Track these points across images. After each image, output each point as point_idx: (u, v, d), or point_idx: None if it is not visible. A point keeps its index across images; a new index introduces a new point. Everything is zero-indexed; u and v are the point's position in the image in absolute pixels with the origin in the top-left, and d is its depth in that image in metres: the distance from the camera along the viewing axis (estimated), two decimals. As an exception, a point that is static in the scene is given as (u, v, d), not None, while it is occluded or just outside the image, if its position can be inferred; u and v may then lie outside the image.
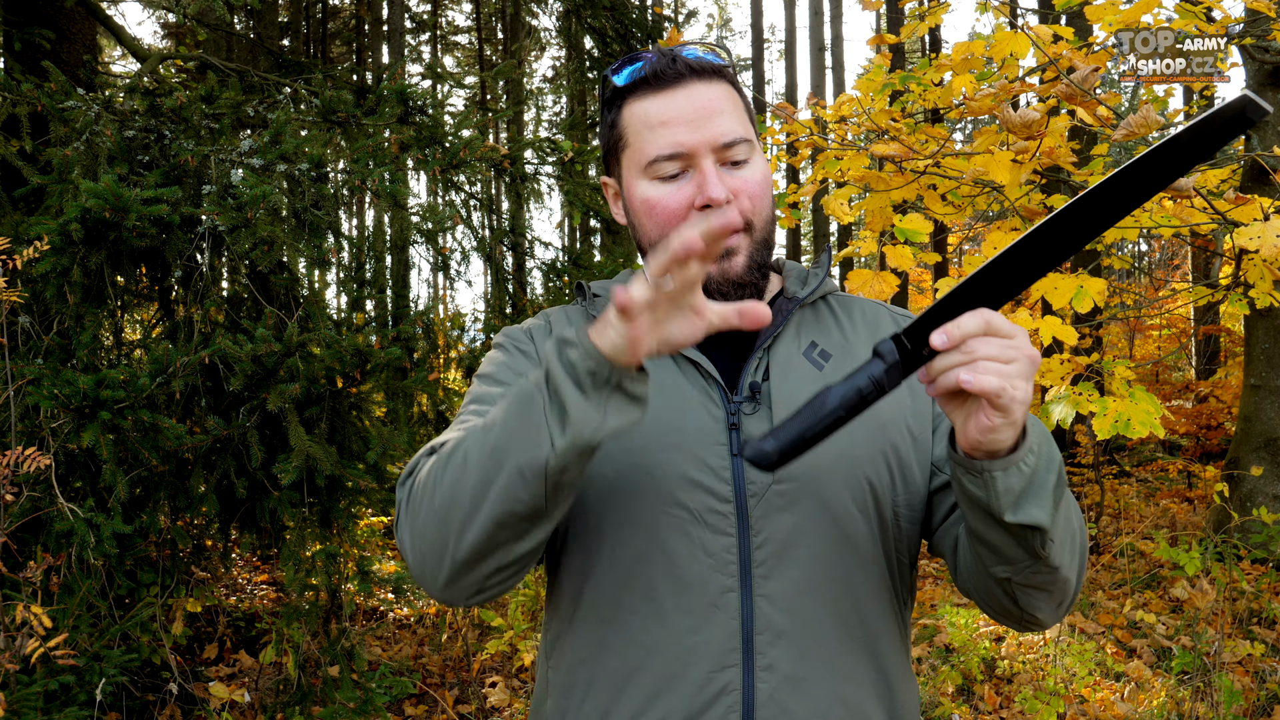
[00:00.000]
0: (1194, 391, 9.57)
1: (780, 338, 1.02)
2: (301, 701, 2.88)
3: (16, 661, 1.99)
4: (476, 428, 0.86)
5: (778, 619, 0.93)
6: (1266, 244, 2.08)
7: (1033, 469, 0.82)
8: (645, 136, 0.98)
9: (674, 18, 23.07)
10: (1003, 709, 3.66)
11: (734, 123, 0.98)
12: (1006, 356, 0.75)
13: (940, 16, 3.72)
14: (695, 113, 0.96)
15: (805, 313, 1.07)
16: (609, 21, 5.44)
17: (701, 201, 0.95)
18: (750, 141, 0.99)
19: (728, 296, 0.99)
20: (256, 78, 3.78)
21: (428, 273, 20.01)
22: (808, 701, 0.94)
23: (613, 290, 0.77)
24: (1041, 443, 0.84)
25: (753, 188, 0.98)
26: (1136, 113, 2.05)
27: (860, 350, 1.04)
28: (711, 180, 0.95)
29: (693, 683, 0.92)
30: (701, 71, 0.98)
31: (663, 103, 0.97)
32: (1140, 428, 2.35)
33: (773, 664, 0.93)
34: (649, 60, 0.99)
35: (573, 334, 0.79)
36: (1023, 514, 0.83)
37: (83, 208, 2.38)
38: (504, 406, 0.83)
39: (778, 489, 0.94)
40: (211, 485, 2.66)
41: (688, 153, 0.96)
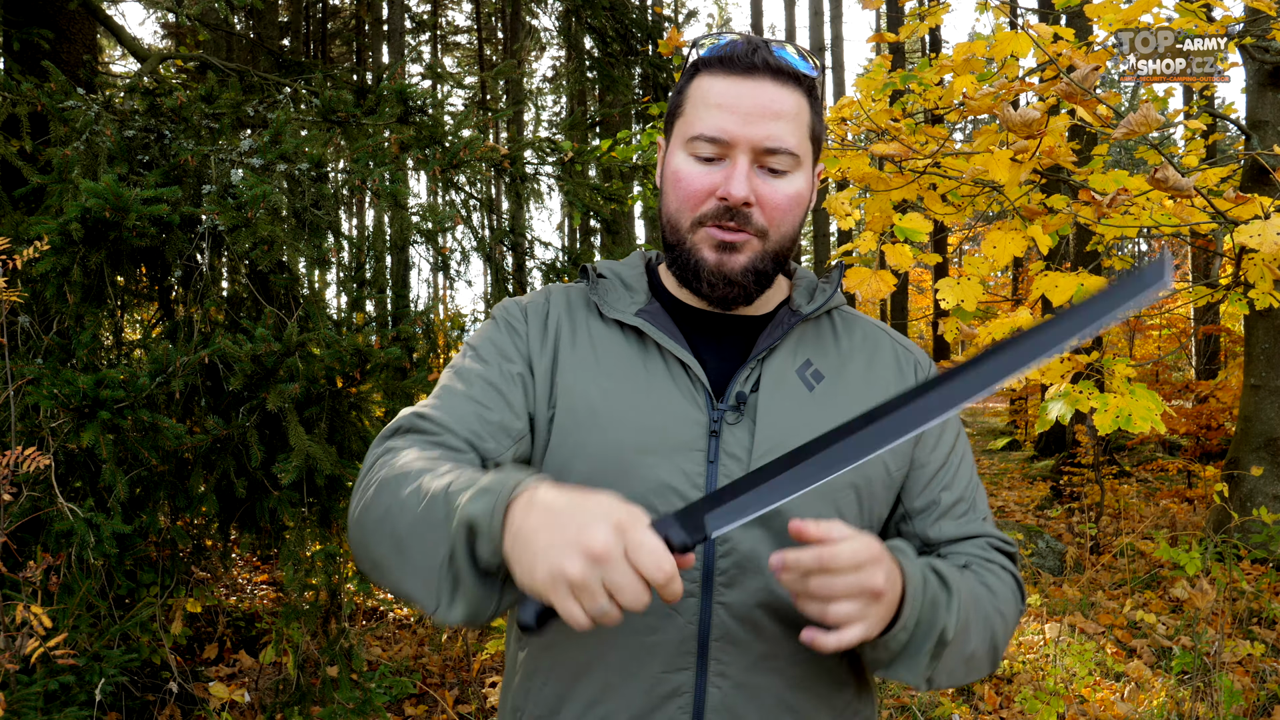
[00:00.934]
0: (1194, 391, 9.57)
1: (777, 351, 1.02)
2: (301, 701, 2.88)
3: (16, 661, 1.99)
4: (411, 481, 0.84)
5: (734, 627, 0.94)
6: (1267, 242, 2.08)
7: (903, 644, 0.88)
8: (699, 112, 0.97)
9: (674, 18, 23.07)
10: (1003, 709, 3.66)
11: (786, 132, 0.96)
12: (849, 595, 0.81)
13: (940, 16, 3.72)
14: (753, 108, 0.95)
15: (807, 327, 1.06)
16: (609, 21, 5.44)
17: (721, 193, 0.95)
18: (796, 157, 0.97)
19: (715, 288, 0.99)
20: (256, 78, 3.78)
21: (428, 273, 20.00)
22: (758, 708, 0.95)
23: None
24: (920, 615, 0.87)
25: (779, 199, 0.97)
26: (1136, 111, 2.05)
27: (853, 375, 1.04)
28: (739, 178, 0.94)
29: (646, 681, 0.94)
30: (778, 71, 0.97)
31: (728, 86, 0.96)
32: (1141, 423, 2.35)
33: (726, 671, 0.94)
34: (735, 42, 0.98)
35: (486, 515, 0.74)
36: (891, 674, 0.90)
37: (83, 207, 2.38)
38: (419, 510, 0.80)
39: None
40: (211, 485, 2.65)
41: (729, 141, 0.95)
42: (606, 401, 0.98)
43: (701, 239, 0.98)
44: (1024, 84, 2.67)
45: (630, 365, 1.00)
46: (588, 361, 1.01)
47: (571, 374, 1.00)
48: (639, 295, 1.05)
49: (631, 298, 1.05)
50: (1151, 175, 2.10)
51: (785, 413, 0.98)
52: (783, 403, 0.99)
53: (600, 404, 0.98)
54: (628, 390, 0.98)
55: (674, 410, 0.97)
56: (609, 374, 1.00)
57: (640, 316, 1.02)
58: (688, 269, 0.99)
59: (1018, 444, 14.15)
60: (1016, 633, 4.43)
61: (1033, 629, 4.47)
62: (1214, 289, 3.90)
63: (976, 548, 1.04)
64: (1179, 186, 2.07)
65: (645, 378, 0.99)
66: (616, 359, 1.00)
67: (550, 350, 1.02)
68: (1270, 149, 4.67)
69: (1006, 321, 2.69)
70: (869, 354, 1.07)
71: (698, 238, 0.98)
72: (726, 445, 0.96)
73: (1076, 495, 7.72)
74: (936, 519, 1.04)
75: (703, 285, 0.99)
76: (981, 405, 26.52)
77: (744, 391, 0.99)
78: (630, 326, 1.02)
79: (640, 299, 1.05)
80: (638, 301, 1.04)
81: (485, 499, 0.75)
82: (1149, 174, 2.13)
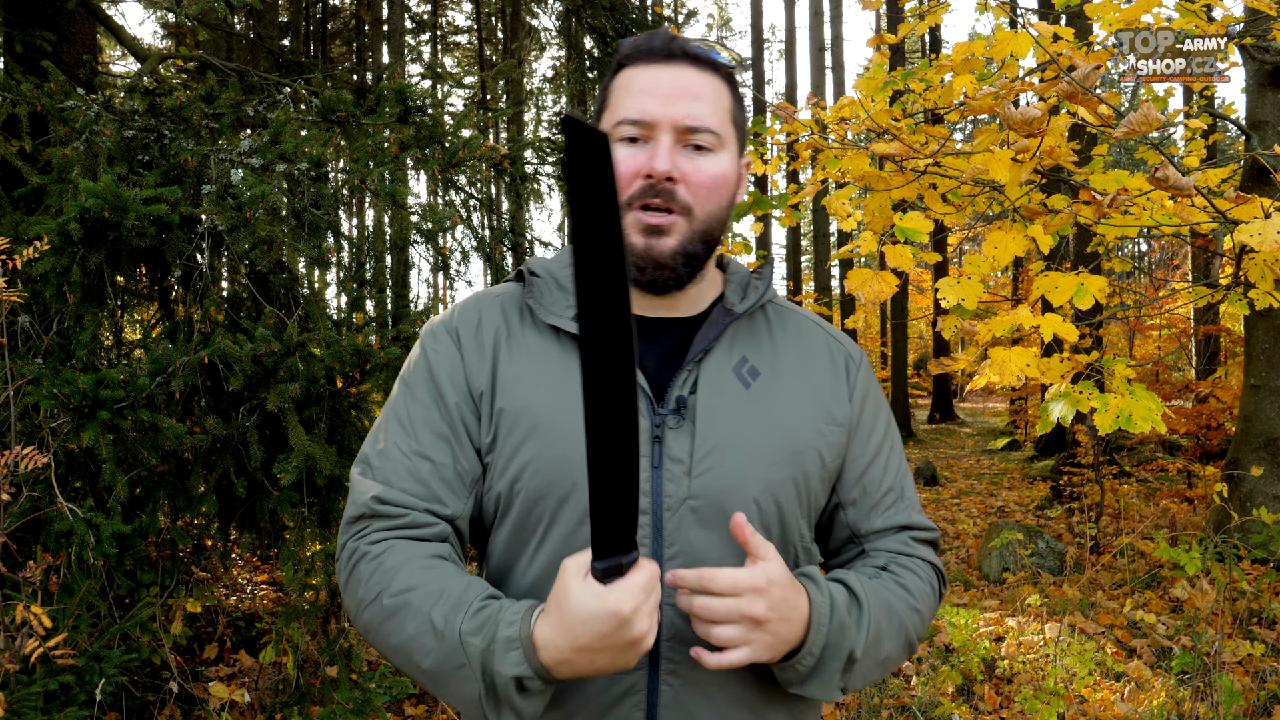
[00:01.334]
0: (1194, 391, 9.57)
1: (713, 351, 1.04)
2: (301, 701, 2.88)
3: (16, 661, 1.99)
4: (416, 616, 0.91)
5: (683, 627, 0.96)
6: (1267, 242, 2.08)
7: (810, 669, 0.93)
8: (622, 100, 1.01)
9: (674, 18, 23.05)
10: (1003, 709, 3.66)
11: (706, 112, 0.99)
12: (729, 619, 0.87)
13: (940, 16, 3.72)
14: (671, 90, 0.99)
15: (741, 324, 1.08)
16: (609, 21, 5.44)
17: (646, 170, 0.98)
18: (719, 136, 1.00)
19: (645, 272, 1.00)
20: (256, 78, 3.78)
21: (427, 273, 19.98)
22: (709, 704, 0.98)
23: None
24: (828, 641, 0.93)
25: (704, 177, 0.99)
26: (1137, 111, 2.05)
27: (788, 369, 1.07)
28: (661, 153, 0.98)
29: (600, 682, 0.96)
30: (695, 58, 1.01)
31: (648, 74, 1.00)
32: (1142, 423, 2.35)
33: (677, 669, 0.97)
34: (655, 34, 1.03)
35: (524, 667, 0.84)
36: (804, 691, 0.95)
37: (82, 207, 2.38)
38: (437, 650, 0.89)
39: (692, 504, 0.97)
40: (211, 485, 2.65)
41: (650, 122, 0.98)
42: (550, 416, 0.99)
43: (629, 224, 0.99)
44: (1024, 84, 2.67)
45: (568, 373, 1.00)
46: (528, 373, 1.01)
47: (513, 388, 1.01)
48: (573, 298, 1.04)
49: (566, 299, 1.04)
50: (1152, 175, 2.10)
51: (723, 412, 1.00)
52: (720, 402, 1.01)
53: (544, 418, 0.99)
54: (571, 402, 0.97)
55: None
56: (549, 386, 1.00)
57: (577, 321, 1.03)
58: None
59: (1018, 444, 14.15)
60: (1016, 633, 4.44)
61: (1033, 629, 4.47)
62: (1214, 289, 3.90)
63: (899, 542, 1.10)
64: (1179, 186, 2.07)
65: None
66: (556, 369, 1.01)
67: (489, 366, 1.02)
68: (1270, 149, 4.67)
69: (1006, 320, 2.69)
70: (802, 347, 1.10)
71: (626, 222, 0.99)
72: (669, 450, 0.98)
73: (1076, 495, 7.72)
74: (868, 510, 1.09)
75: (632, 270, 1.00)
76: (981, 405, 26.53)
77: (683, 395, 1.00)
78: (567, 332, 1.02)
79: (575, 299, 1.05)
80: (572, 304, 1.03)
81: (513, 655, 0.85)
82: (1150, 173, 2.13)
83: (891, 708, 3.64)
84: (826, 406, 1.07)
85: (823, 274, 16.70)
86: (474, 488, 1.02)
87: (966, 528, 7.77)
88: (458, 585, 0.92)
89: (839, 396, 1.08)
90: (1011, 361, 2.55)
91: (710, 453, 0.98)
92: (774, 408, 1.03)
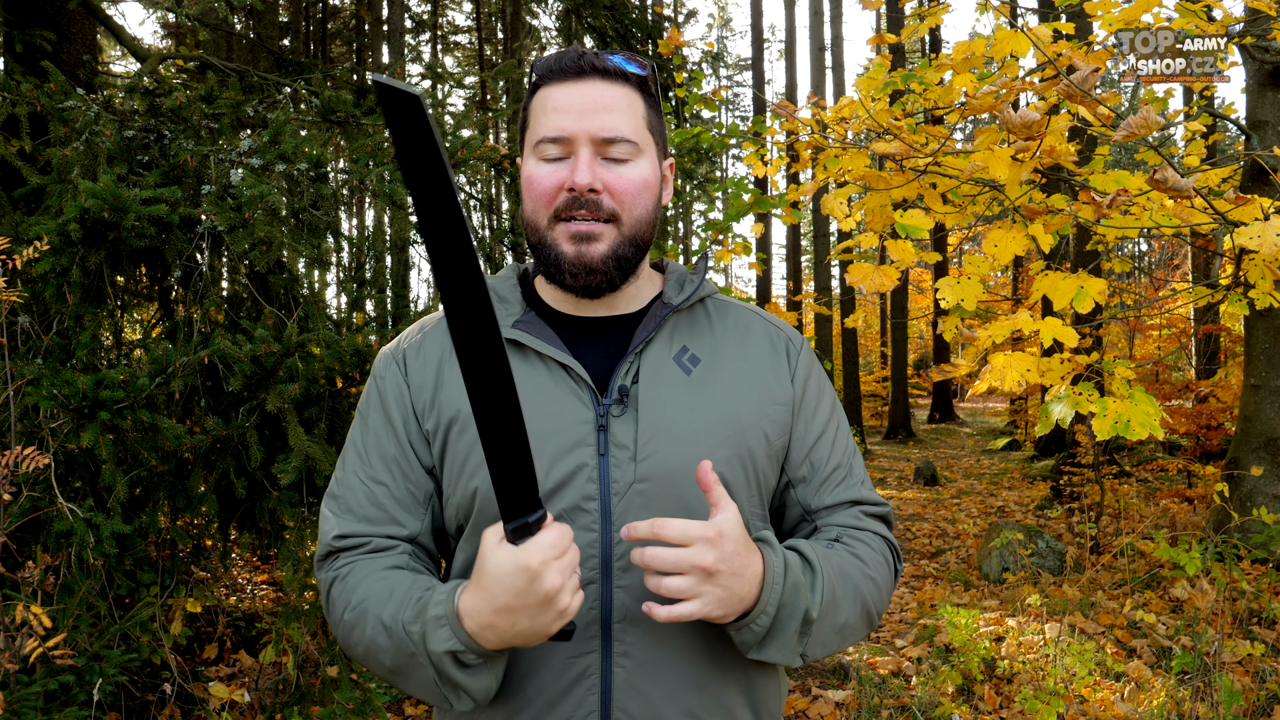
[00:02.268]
0: (1194, 391, 9.57)
1: (653, 342, 1.08)
2: (301, 701, 2.88)
3: (16, 661, 1.99)
4: (370, 621, 0.97)
5: (633, 608, 1.00)
6: (1267, 243, 2.08)
7: (765, 628, 0.95)
8: (540, 119, 1.05)
9: (674, 17, 23.05)
10: (1003, 709, 3.66)
11: (621, 122, 1.03)
12: (678, 569, 0.89)
13: (940, 17, 3.72)
14: (585, 105, 1.02)
15: (681, 317, 1.12)
16: (609, 21, 5.44)
17: (569, 184, 1.02)
18: (635, 144, 1.04)
19: (578, 278, 1.04)
20: (256, 78, 3.78)
21: (427, 273, 19.95)
22: (662, 685, 1.01)
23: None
24: (782, 600, 0.95)
25: (625, 185, 1.03)
26: (1137, 113, 2.05)
27: (727, 355, 1.11)
28: (582, 167, 1.02)
29: (554, 666, 1.00)
30: (605, 72, 1.04)
31: (561, 92, 1.04)
32: (1140, 429, 2.35)
33: (629, 650, 1.00)
34: (564, 53, 1.06)
35: (453, 640, 0.89)
36: (763, 656, 0.97)
37: (82, 208, 2.38)
38: (392, 648, 0.95)
39: (639, 488, 1.01)
40: (211, 485, 2.65)
41: (568, 138, 1.02)
42: None
43: (559, 234, 1.04)
44: (1024, 84, 2.67)
45: (515, 376, 1.03)
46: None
47: (459, 396, 1.05)
48: (513, 307, 1.10)
49: (506, 310, 1.09)
50: (1151, 177, 2.10)
51: (665, 398, 1.04)
52: (662, 390, 1.05)
53: None
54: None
55: (561, 412, 1.02)
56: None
57: (516, 328, 1.07)
58: (551, 264, 1.05)
59: (1018, 444, 14.15)
60: (1016, 633, 4.43)
61: (1033, 629, 4.47)
62: (1214, 289, 3.90)
63: (850, 517, 1.12)
64: (1179, 187, 2.07)
65: (531, 385, 1.03)
66: None
67: (433, 382, 1.08)
68: (1270, 149, 4.67)
69: (1006, 323, 2.69)
70: (741, 334, 1.14)
71: (555, 233, 1.04)
72: (614, 437, 1.02)
73: (1076, 495, 7.72)
74: (817, 486, 1.12)
75: (565, 277, 1.04)
76: (981, 405, 26.53)
77: (625, 385, 1.04)
78: (510, 340, 1.06)
79: (515, 310, 1.10)
80: (513, 313, 1.09)
81: (441, 630, 0.90)
82: (1149, 175, 2.13)
83: (891, 708, 3.64)
84: (768, 387, 1.11)
85: (823, 274, 16.70)
86: (428, 504, 1.08)
87: (966, 528, 7.77)
88: (404, 585, 0.98)
89: (780, 377, 1.12)
90: (1011, 368, 2.55)
91: (654, 437, 1.02)
92: (715, 391, 1.07)
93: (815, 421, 1.14)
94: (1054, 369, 2.82)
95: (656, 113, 1.10)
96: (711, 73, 32.96)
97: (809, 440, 1.13)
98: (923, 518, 8.37)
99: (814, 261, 20.01)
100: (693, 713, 1.02)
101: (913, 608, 5.27)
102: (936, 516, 8.45)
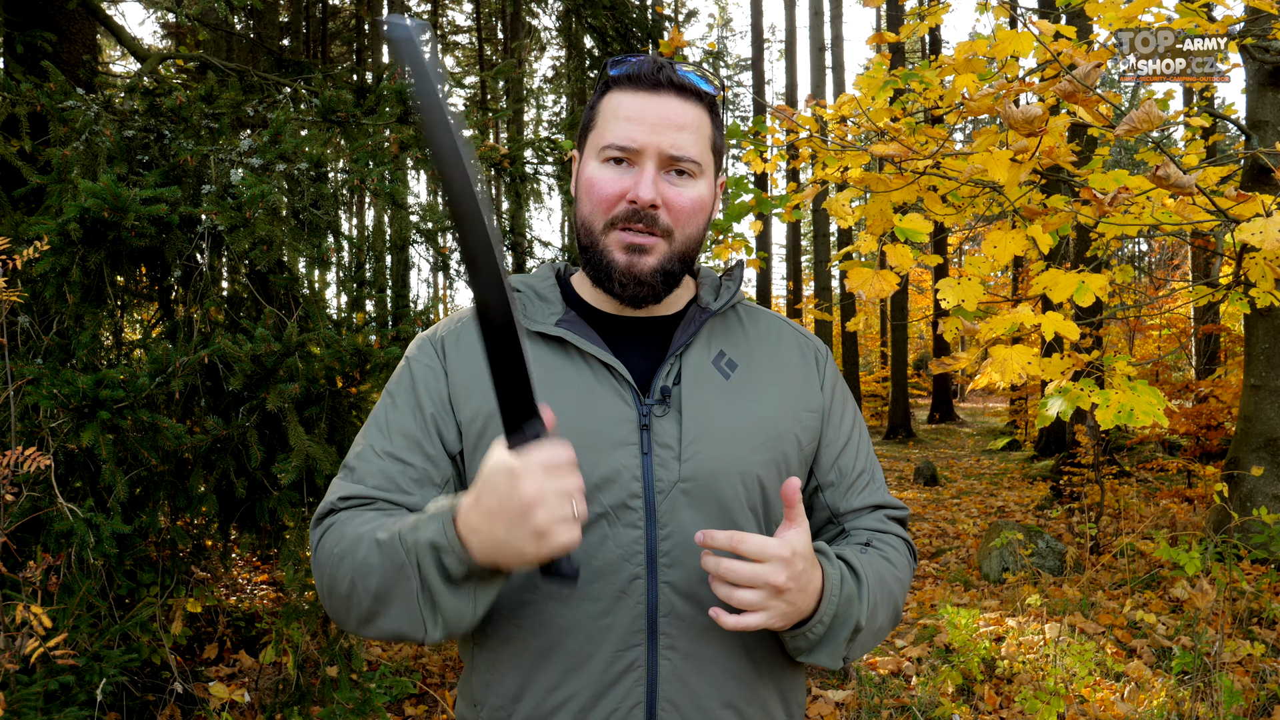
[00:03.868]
0: (1194, 391, 9.57)
1: (692, 345, 1.11)
2: (301, 701, 2.88)
3: (16, 661, 1.99)
4: (364, 543, 0.96)
5: (679, 604, 1.03)
6: (1268, 240, 2.08)
7: (820, 636, 0.99)
8: (610, 124, 1.06)
9: (674, 17, 23.06)
10: (1003, 709, 3.66)
11: (690, 142, 1.05)
12: (752, 584, 0.92)
13: (940, 16, 3.72)
14: (659, 119, 1.04)
15: (716, 321, 1.16)
16: (609, 21, 5.44)
17: (631, 196, 1.03)
18: (699, 164, 1.07)
19: (626, 288, 1.07)
20: (256, 77, 3.78)
21: (427, 272, 19.99)
22: (706, 677, 1.04)
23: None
24: (837, 610, 0.99)
25: (684, 202, 1.06)
26: (1138, 110, 2.05)
27: (762, 360, 1.15)
28: (646, 181, 1.03)
29: (602, 660, 1.01)
30: (682, 88, 1.06)
31: (636, 101, 1.05)
32: (1144, 417, 2.36)
33: (675, 644, 1.03)
34: (643, 61, 1.07)
35: (440, 534, 0.89)
36: (810, 659, 1.02)
37: (82, 207, 2.38)
38: (381, 563, 0.93)
39: (683, 487, 1.04)
40: (211, 485, 2.65)
41: (637, 149, 1.04)
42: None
43: (613, 242, 1.06)
44: (1024, 84, 2.67)
45: (558, 373, 1.06)
46: None
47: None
48: (555, 306, 1.12)
49: (548, 309, 1.11)
50: (1154, 173, 2.10)
51: (707, 400, 1.07)
52: (704, 392, 1.08)
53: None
54: (559, 397, 1.03)
55: (605, 410, 1.04)
56: (539, 384, 1.05)
57: (560, 326, 1.08)
58: (600, 270, 1.07)
59: (1018, 444, 14.15)
60: (1016, 633, 4.43)
61: (1033, 629, 4.47)
62: (1214, 288, 3.90)
63: (875, 520, 1.17)
64: (1181, 184, 2.07)
65: (574, 383, 1.06)
66: (544, 369, 1.06)
67: (470, 374, 1.08)
68: (1270, 148, 4.67)
69: (1007, 318, 2.69)
70: (774, 341, 1.18)
71: (609, 240, 1.06)
72: (657, 436, 1.04)
73: (1076, 495, 7.72)
74: (845, 491, 1.17)
75: (614, 285, 1.07)
76: (981, 405, 26.54)
77: (667, 385, 1.07)
78: (553, 337, 1.08)
79: (557, 309, 1.12)
80: (555, 312, 1.11)
81: (433, 523, 0.90)
82: (1151, 172, 2.13)
83: (891, 708, 3.64)
84: (800, 394, 1.15)
85: (823, 274, 16.71)
86: (445, 487, 1.08)
87: (966, 528, 7.77)
88: (404, 516, 0.99)
89: (811, 385, 1.17)
90: (1013, 360, 2.55)
91: (697, 438, 1.05)
92: (752, 396, 1.10)
93: (842, 428, 1.19)
94: (1055, 365, 2.82)
95: (720, 133, 1.13)
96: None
97: (837, 446, 1.17)
98: (923, 518, 8.37)
99: (814, 261, 20.02)
100: (733, 704, 1.05)
101: (913, 608, 5.27)
102: (936, 516, 8.45)
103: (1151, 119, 2.01)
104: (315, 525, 1.07)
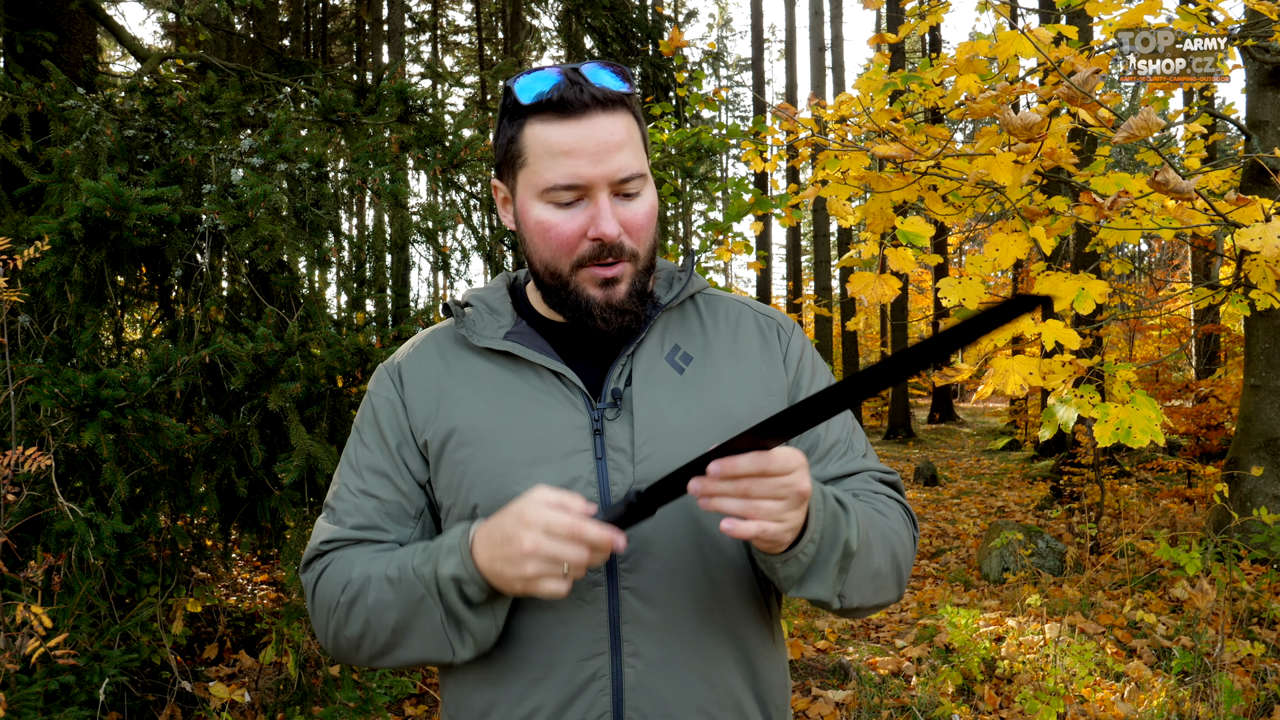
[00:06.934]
0: (1194, 391, 9.57)
1: (644, 343, 1.08)
2: (301, 701, 2.88)
3: (16, 661, 1.99)
4: (374, 583, 0.99)
5: (641, 609, 1.01)
6: (1268, 245, 2.08)
7: (812, 557, 0.95)
8: (545, 162, 0.99)
9: (674, 17, 23.06)
10: (1003, 709, 3.66)
11: (632, 158, 1.01)
12: (776, 495, 0.86)
13: (940, 16, 3.72)
14: (598, 147, 0.98)
15: (671, 315, 1.13)
16: (609, 21, 5.44)
17: (594, 234, 1.00)
18: (644, 175, 1.03)
19: (609, 322, 1.04)
20: (256, 77, 3.78)
21: (428, 272, 20.00)
22: (673, 683, 1.01)
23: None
24: (824, 527, 0.95)
25: (641, 219, 1.03)
26: (1137, 115, 2.05)
27: (719, 350, 1.11)
28: (605, 215, 0.99)
29: (565, 670, 1.00)
30: (606, 102, 0.99)
31: (565, 131, 0.98)
32: (1141, 436, 2.36)
33: (638, 650, 1.01)
34: (557, 84, 0.99)
35: (461, 567, 0.93)
36: (805, 591, 0.97)
37: (83, 207, 2.38)
38: (398, 600, 0.97)
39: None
40: (212, 485, 2.65)
41: (586, 185, 0.99)
42: (491, 426, 1.04)
43: (585, 279, 1.03)
44: (1025, 86, 2.67)
45: (506, 387, 1.05)
46: (465, 395, 1.07)
47: (456, 410, 1.06)
48: (505, 318, 1.11)
49: (498, 321, 1.10)
50: (1153, 178, 2.10)
51: (659, 399, 1.05)
52: (655, 390, 1.05)
53: (485, 430, 1.04)
54: (509, 410, 1.03)
55: (556, 419, 1.03)
56: (488, 400, 1.06)
57: (509, 339, 1.07)
58: (579, 309, 1.04)
59: (1018, 444, 14.15)
60: (1016, 633, 4.44)
61: (1033, 629, 4.47)
62: (1214, 290, 3.90)
63: (860, 481, 1.12)
64: (1180, 190, 2.07)
65: (524, 395, 1.04)
66: (492, 384, 1.06)
67: (429, 398, 1.08)
68: (1270, 150, 4.67)
69: (1006, 328, 2.68)
70: (733, 328, 1.14)
71: (580, 279, 1.03)
72: (611, 440, 1.03)
73: (1076, 495, 7.72)
74: (818, 460, 1.12)
75: (596, 321, 1.04)
76: (981, 405, 26.47)
77: (618, 388, 1.05)
78: (500, 351, 1.07)
79: (506, 321, 1.10)
80: (504, 325, 1.10)
81: (453, 557, 0.93)
82: (1150, 177, 2.13)
83: (891, 708, 3.64)
84: (762, 379, 1.11)
85: (823, 274, 16.70)
86: (419, 518, 1.09)
87: (966, 528, 7.78)
88: (405, 549, 1.01)
89: (774, 367, 1.13)
90: (1014, 371, 2.55)
91: (650, 439, 1.03)
92: (708, 389, 1.07)
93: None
94: (1056, 372, 2.82)
95: (644, 125, 1.08)
96: (712, 73, 32.96)
97: None
98: (923, 518, 8.37)
99: (814, 261, 20.00)
100: (703, 708, 1.03)
101: (913, 608, 5.27)
102: (936, 516, 8.45)
103: (1150, 126, 2.01)
104: (305, 570, 1.08)
